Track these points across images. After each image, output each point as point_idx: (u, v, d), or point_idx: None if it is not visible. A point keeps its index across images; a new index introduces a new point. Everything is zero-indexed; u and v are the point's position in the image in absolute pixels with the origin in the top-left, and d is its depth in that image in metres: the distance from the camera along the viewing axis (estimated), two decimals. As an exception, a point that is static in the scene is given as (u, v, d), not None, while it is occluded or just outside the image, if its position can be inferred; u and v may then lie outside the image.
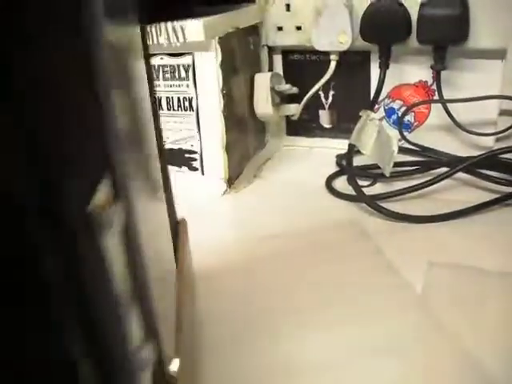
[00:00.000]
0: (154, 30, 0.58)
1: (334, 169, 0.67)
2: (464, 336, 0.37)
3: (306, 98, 0.70)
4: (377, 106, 0.70)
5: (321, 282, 0.45)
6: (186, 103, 0.62)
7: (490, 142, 0.65)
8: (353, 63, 0.70)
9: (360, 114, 0.60)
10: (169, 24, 0.58)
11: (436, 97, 0.65)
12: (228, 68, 0.62)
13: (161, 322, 0.24)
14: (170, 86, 0.63)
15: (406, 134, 0.69)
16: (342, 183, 0.63)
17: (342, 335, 0.38)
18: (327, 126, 0.75)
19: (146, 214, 0.25)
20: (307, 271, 0.46)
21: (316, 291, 0.43)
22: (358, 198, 0.57)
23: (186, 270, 0.38)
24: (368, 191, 0.58)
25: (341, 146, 0.69)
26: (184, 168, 0.65)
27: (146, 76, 0.32)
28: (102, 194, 0.17)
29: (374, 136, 0.58)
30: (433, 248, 0.49)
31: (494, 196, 0.55)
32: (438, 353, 0.36)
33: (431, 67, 0.63)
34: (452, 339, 0.37)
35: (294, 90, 0.71)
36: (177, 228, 0.41)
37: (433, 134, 0.69)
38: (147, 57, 0.37)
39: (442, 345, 0.37)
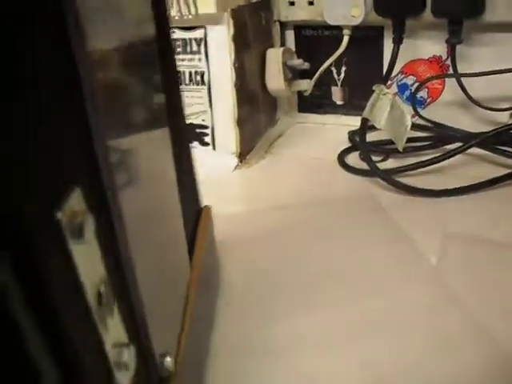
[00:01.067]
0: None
1: (346, 145, 0.66)
2: (477, 307, 0.37)
3: (318, 73, 0.70)
4: (389, 82, 0.69)
5: (335, 254, 0.44)
6: (198, 77, 0.62)
7: (505, 118, 0.64)
8: (366, 38, 0.69)
9: (373, 88, 0.59)
10: (181, -4, 0.57)
11: (450, 72, 0.64)
12: (240, 42, 0.62)
13: (154, 320, 0.24)
14: (182, 60, 0.62)
15: (419, 110, 0.69)
16: (354, 159, 0.63)
17: (358, 306, 0.38)
18: (339, 102, 0.74)
19: (142, 213, 0.25)
20: (321, 243, 0.46)
21: (330, 263, 0.43)
22: (372, 172, 0.57)
23: (206, 260, 0.38)
24: (380, 166, 0.57)
25: (353, 122, 0.68)
26: (195, 143, 0.65)
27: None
28: (73, 201, 0.17)
29: (387, 110, 0.58)
30: (447, 221, 0.49)
31: (508, 171, 0.55)
32: (451, 324, 0.36)
33: (446, 41, 0.62)
34: (466, 310, 0.37)
35: (306, 65, 0.70)
36: (198, 216, 0.40)
37: (447, 110, 0.68)
38: (167, 31, 0.36)
39: (456, 316, 0.37)
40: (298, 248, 0.46)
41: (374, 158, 0.59)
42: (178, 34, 0.61)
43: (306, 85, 0.71)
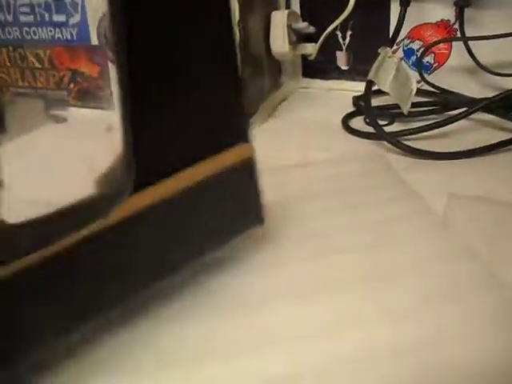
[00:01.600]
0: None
1: (350, 110, 0.66)
2: (487, 254, 0.37)
3: (323, 36, 0.69)
4: (396, 47, 0.69)
5: (345, 209, 0.44)
6: (202, 37, 0.61)
7: (513, 83, 0.63)
8: (372, 1, 0.68)
9: (379, 51, 0.58)
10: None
11: (458, 36, 0.63)
12: (245, 3, 0.61)
13: None
14: (185, 21, 0.61)
15: (425, 75, 0.68)
16: (358, 123, 0.62)
17: (370, 256, 0.38)
18: (344, 67, 0.73)
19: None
20: (329, 199, 0.46)
21: (340, 217, 0.43)
22: (378, 135, 0.56)
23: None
24: (385, 130, 0.57)
25: (358, 88, 0.68)
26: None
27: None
28: None
29: (392, 73, 0.57)
30: (453, 183, 0.48)
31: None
32: (460, 271, 0.36)
33: (454, 4, 0.61)
34: (474, 259, 0.37)
35: (311, 29, 0.69)
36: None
37: (453, 76, 0.67)
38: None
39: (465, 264, 0.36)
40: (304, 205, 0.45)
41: (379, 122, 0.58)
42: (181, -7, 0.60)
43: (310, 48, 0.70)
